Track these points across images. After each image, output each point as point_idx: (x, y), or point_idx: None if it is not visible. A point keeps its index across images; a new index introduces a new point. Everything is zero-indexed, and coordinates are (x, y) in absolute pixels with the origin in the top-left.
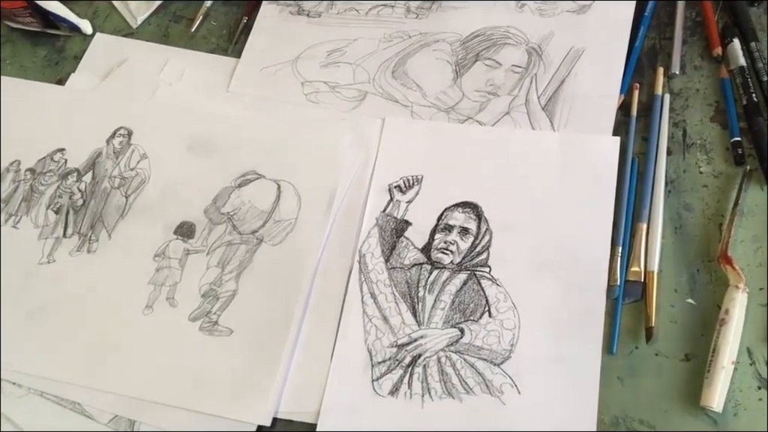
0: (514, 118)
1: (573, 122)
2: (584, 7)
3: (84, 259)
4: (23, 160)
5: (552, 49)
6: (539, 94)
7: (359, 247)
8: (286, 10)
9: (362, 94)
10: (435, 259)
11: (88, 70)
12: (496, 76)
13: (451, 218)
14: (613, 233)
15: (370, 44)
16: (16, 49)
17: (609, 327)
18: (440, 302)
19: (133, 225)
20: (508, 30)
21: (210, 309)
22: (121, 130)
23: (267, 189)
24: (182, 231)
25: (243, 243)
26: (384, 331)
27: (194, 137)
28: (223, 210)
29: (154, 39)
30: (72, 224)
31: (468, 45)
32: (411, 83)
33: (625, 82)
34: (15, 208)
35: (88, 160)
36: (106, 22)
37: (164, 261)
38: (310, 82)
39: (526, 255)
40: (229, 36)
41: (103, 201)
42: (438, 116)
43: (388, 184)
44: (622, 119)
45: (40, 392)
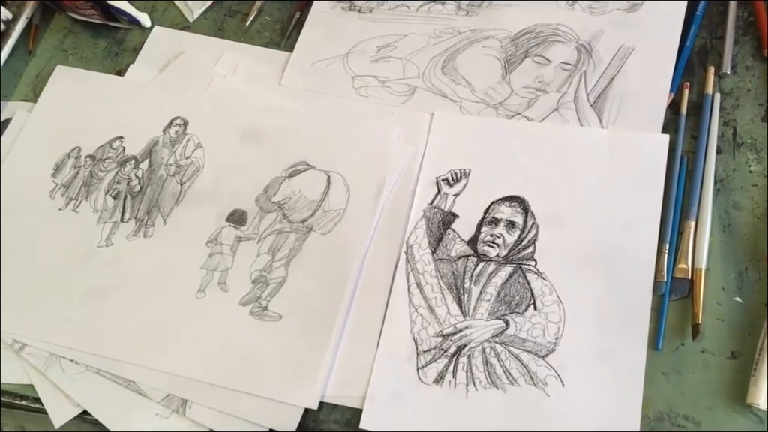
0: (563, 115)
1: (622, 120)
2: (635, 5)
3: (140, 243)
4: (84, 147)
5: (602, 47)
6: (588, 91)
7: (406, 238)
8: (338, 6)
9: (412, 88)
10: (481, 251)
11: (146, 62)
12: (545, 73)
13: (497, 212)
14: (660, 230)
15: (420, 40)
16: (77, 41)
17: (655, 323)
18: (485, 294)
19: (187, 211)
20: (558, 27)
21: (260, 294)
22: (177, 120)
23: (317, 180)
24: (234, 218)
25: (293, 231)
26: (429, 321)
27: (247, 128)
28: (274, 199)
29: (209, 33)
30: (129, 209)
31: (517, 42)
32: (460, 79)
33: (675, 81)
34: (75, 192)
35: (145, 148)
36: (164, 16)
37: (217, 247)
38: (360, 77)
39: (573, 250)
40: (282, 30)
41: (159, 188)
42: (486, 112)
43: (436, 177)
44: (671, 118)
45: (97, 370)
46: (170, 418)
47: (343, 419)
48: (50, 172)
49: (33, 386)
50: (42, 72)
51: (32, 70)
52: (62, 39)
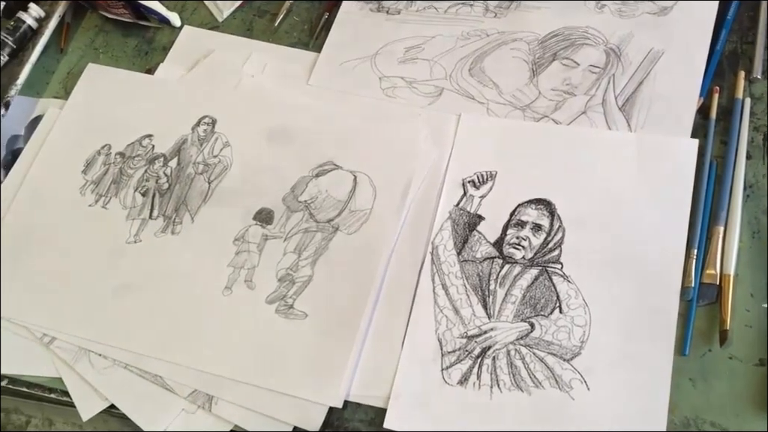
0: (591, 118)
1: (650, 123)
2: (665, 9)
3: (168, 240)
4: (114, 144)
5: (631, 50)
6: (617, 95)
7: (432, 239)
8: (367, 7)
9: (439, 90)
10: (507, 253)
11: (175, 61)
12: (573, 76)
13: (524, 214)
14: (689, 235)
15: (447, 42)
16: (108, 39)
17: (682, 328)
18: (511, 296)
19: (214, 209)
20: (586, 30)
21: (286, 293)
22: (205, 118)
23: (344, 179)
24: (261, 217)
25: (319, 231)
26: (454, 322)
27: (275, 127)
28: (301, 198)
29: (238, 32)
30: (158, 207)
31: (546, 44)
32: (487, 81)
33: (704, 85)
34: (105, 189)
35: (174, 146)
36: (193, 15)
37: (243, 245)
38: (387, 78)
39: (599, 253)
40: (311, 31)
41: (187, 186)
42: (513, 114)
43: (462, 178)
44: (700, 122)
45: (125, 364)
46: (196, 414)
47: (367, 418)
48: (81, 168)
49: (61, 380)
50: (73, 70)
51: (64, 68)
52: (93, 37)
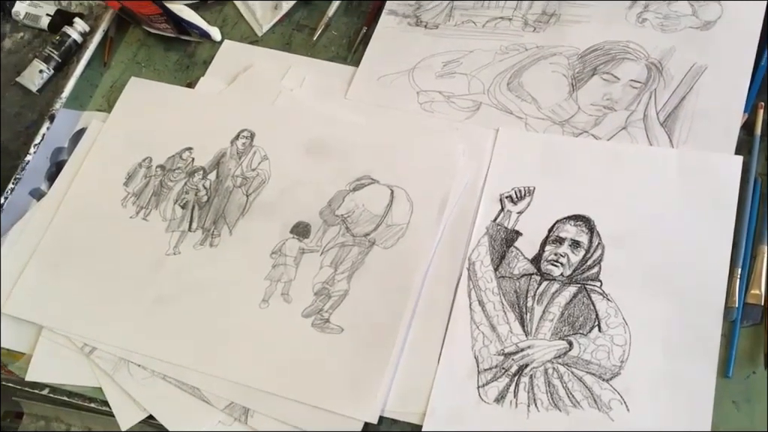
0: (631, 134)
1: (693, 140)
2: (708, 23)
3: (206, 253)
4: (155, 157)
5: (673, 65)
6: (658, 110)
7: (469, 254)
8: (405, 22)
9: (477, 104)
10: (545, 270)
11: (216, 75)
12: (614, 91)
13: (562, 230)
14: (732, 254)
15: (486, 56)
16: (150, 53)
17: (725, 349)
18: (549, 314)
19: (252, 222)
20: (627, 45)
21: (322, 307)
22: (244, 132)
23: (380, 194)
24: (298, 230)
25: (356, 245)
26: (491, 339)
27: (312, 141)
28: (338, 212)
29: (277, 46)
30: (197, 219)
31: (585, 59)
32: (526, 95)
33: (749, 101)
34: (146, 201)
35: (213, 160)
36: (233, 30)
37: (280, 258)
38: (425, 92)
39: (640, 271)
40: (349, 45)
41: (225, 198)
42: (552, 129)
43: (500, 194)
44: (745, 138)
45: (163, 375)
46: (232, 426)
47: None
48: (122, 180)
49: (101, 389)
50: (116, 83)
51: (107, 82)
52: (136, 51)
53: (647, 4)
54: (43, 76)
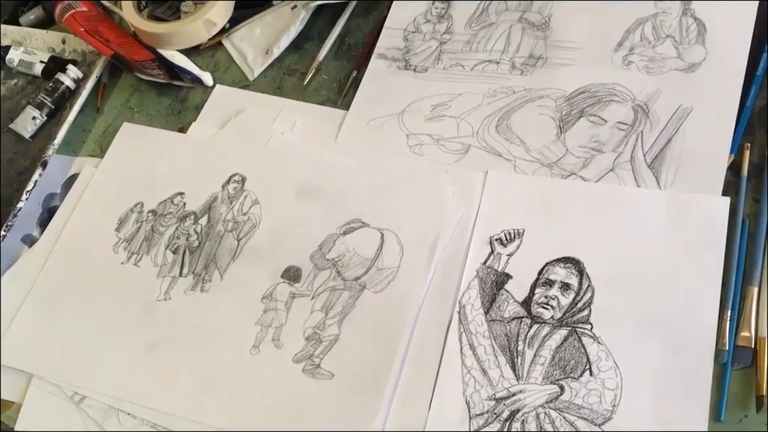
0: (619, 175)
1: (680, 181)
2: (693, 65)
3: (197, 298)
4: (146, 202)
5: (659, 107)
6: (645, 152)
7: (459, 298)
8: (394, 65)
9: (466, 147)
10: (535, 313)
11: (207, 119)
12: (601, 133)
13: (552, 273)
14: (722, 296)
15: (474, 99)
16: (143, 99)
17: (717, 393)
18: (540, 357)
19: (243, 267)
20: (614, 87)
21: (313, 352)
22: (235, 176)
23: (371, 237)
24: (289, 275)
25: (346, 289)
26: (482, 384)
27: (303, 185)
28: (328, 256)
29: (268, 91)
30: (188, 264)
31: (573, 101)
32: (514, 138)
33: (735, 142)
34: (137, 247)
35: (204, 204)
36: (225, 75)
37: (271, 303)
38: (415, 135)
39: (630, 314)
40: (339, 89)
41: (217, 243)
42: (541, 171)
43: (490, 236)
44: (732, 179)
45: (153, 424)
46: None
47: None
48: (114, 226)
49: None
50: (109, 128)
51: (100, 127)
52: (129, 97)
53: (632, 47)
54: (36, 123)
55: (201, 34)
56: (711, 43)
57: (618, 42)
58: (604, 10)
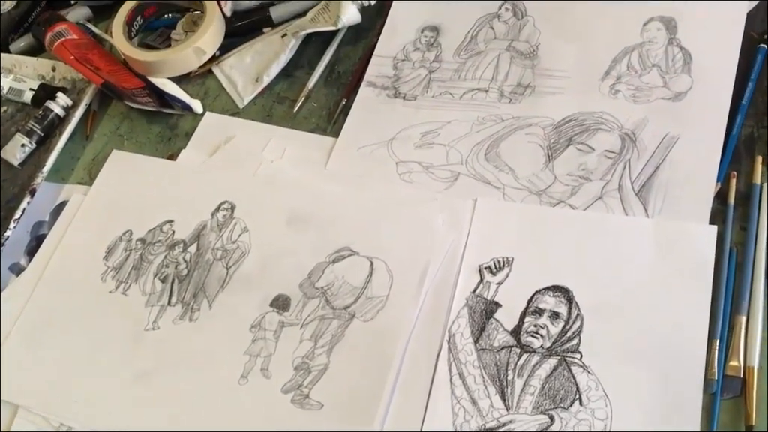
0: (607, 204)
1: (668, 209)
2: (679, 94)
3: (186, 327)
4: (135, 230)
5: (646, 136)
6: (633, 180)
7: (449, 326)
8: (384, 93)
9: (455, 175)
10: (525, 342)
11: (197, 147)
12: (589, 161)
13: (541, 301)
14: (710, 325)
15: (463, 127)
16: (133, 126)
17: (706, 422)
18: (529, 387)
19: (232, 296)
20: (601, 115)
21: (302, 382)
22: (225, 204)
23: (360, 265)
24: (278, 303)
25: (336, 318)
26: (472, 414)
27: (293, 213)
28: (318, 284)
29: (258, 118)
30: (176, 293)
31: (560, 129)
32: (503, 165)
33: (721, 171)
34: (125, 275)
35: (194, 232)
36: (215, 102)
37: (260, 332)
38: (404, 162)
39: (619, 343)
40: (329, 116)
41: (205, 272)
42: (529, 199)
43: (479, 264)
44: (718, 208)
45: None
46: None
47: None
48: (102, 254)
49: None
50: (98, 156)
51: (89, 155)
52: (118, 124)
53: (619, 76)
54: (25, 150)
55: (191, 62)
56: (697, 72)
57: (605, 71)
58: (591, 39)
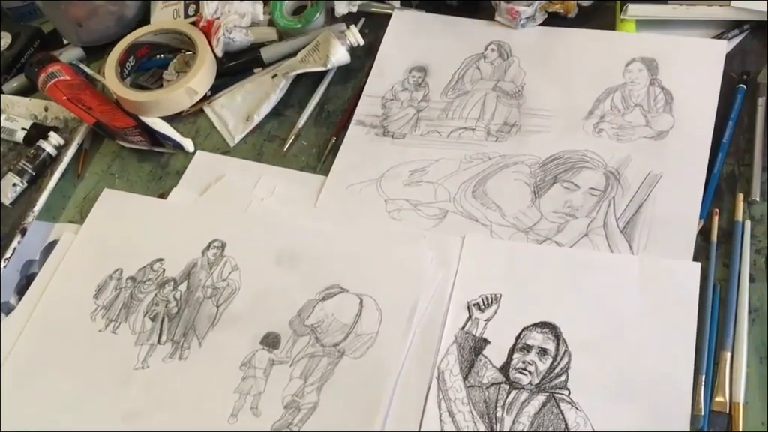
0: (593, 240)
1: (652, 246)
2: (661, 133)
3: (176, 366)
4: (125, 268)
5: (630, 174)
6: (617, 217)
7: (438, 363)
8: (372, 132)
9: (443, 212)
10: (513, 379)
11: (188, 185)
12: (574, 199)
13: (529, 338)
14: (696, 360)
15: (451, 165)
16: (124, 165)
17: None
18: (518, 424)
19: (222, 334)
20: (585, 154)
21: (292, 420)
22: (215, 242)
23: (350, 303)
24: (268, 341)
25: (325, 355)
26: None
27: (283, 250)
28: (308, 322)
29: (249, 157)
30: (166, 331)
31: (546, 167)
32: (490, 203)
33: (704, 208)
34: (115, 314)
35: (184, 270)
36: (206, 141)
37: (250, 370)
38: (393, 200)
39: (606, 379)
40: (319, 155)
41: (196, 310)
42: (517, 236)
43: (467, 301)
44: (702, 244)
45: None
46: None
47: None
48: (92, 293)
49: None
50: (89, 195)
51: (80, 193)
52: (110, 163)
53: (603, 116)
54: (17, 190)
55: (183, 102)
56: (678, 111)
57: (589, 110)
58: (575, 79)
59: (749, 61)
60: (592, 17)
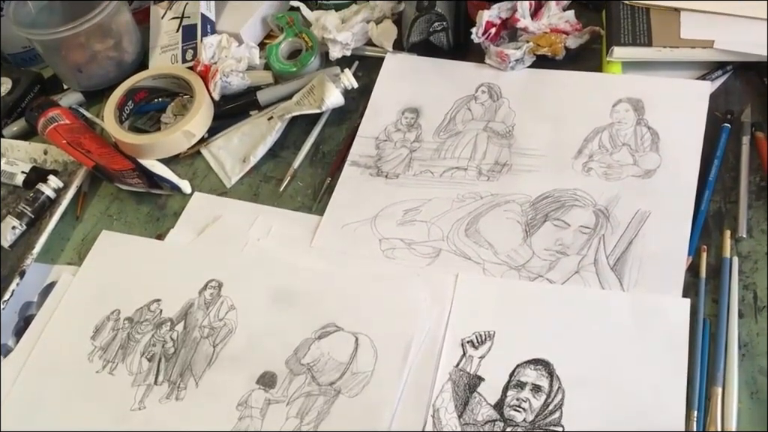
0: (584, 278)
1: (642, 283)
2: (649, 171)
3: (172, 407)
4: (123, 309)
5: (619, 211)
6: (608, 255)
7: (433, 401)
8: (367, 172)
9: (436, 251)
10: (508, 416)
11: (185, 226)
12: (565, 236)
13: (523, 375)
14: (687, 396)
15: (444, 204)
16: (122, 207)
17: None
18: None
19: (219, 374)
20: (575, 192)
21: None
22: (212, 282)
23: (345, 341)
24: (264, 381)
25: (321, 394)
26: None
27: (279, 290)
28: (303, 361)
29: (245, 197)
30: (163, 372)
31: (537, 206)
32: (483, 241)
33: (692, 245)
34: (112, 355)
35: (181, 311)
36: (203, 182)
37: (246, 410)
38: (387, 239)
39: (599, 416)
40: (314, 195)
41: (192, 350)
42: (509, 273)
43: (461, 339)
44: (691, 280)
45: None
46: None
47: None
48: (90, 334)
49: None
50: (87, 236)
51: (79, 235)
52: (108, 205)
53: (591, 155)
54: (16, 233)
55: (180, 144)
56: (665, 150)
57: (578, 150)
58: (564, 120)
59: (733, 101)
60: (579, 59)
